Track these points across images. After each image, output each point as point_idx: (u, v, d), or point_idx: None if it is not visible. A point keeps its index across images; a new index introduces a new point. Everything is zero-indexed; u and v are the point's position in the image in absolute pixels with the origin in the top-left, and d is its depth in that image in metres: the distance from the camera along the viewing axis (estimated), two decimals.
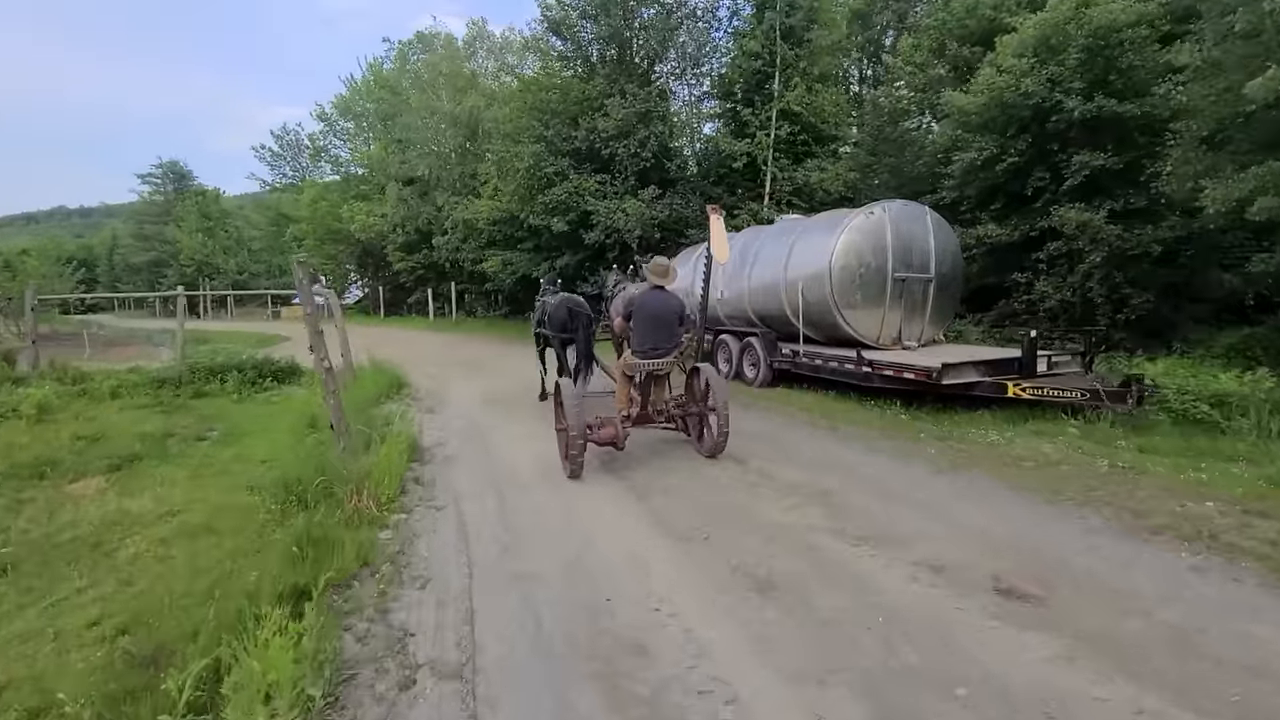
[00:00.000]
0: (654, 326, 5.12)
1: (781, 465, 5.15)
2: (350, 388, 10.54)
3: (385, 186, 27.35)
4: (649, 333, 5.11)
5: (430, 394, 10.14)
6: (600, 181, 15.70)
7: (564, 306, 7.29)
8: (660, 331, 5.14)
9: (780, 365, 8.41)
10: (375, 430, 6.26)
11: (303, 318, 5.03)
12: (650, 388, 5.32)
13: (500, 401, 8.97)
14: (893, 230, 7.57)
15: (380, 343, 19.83)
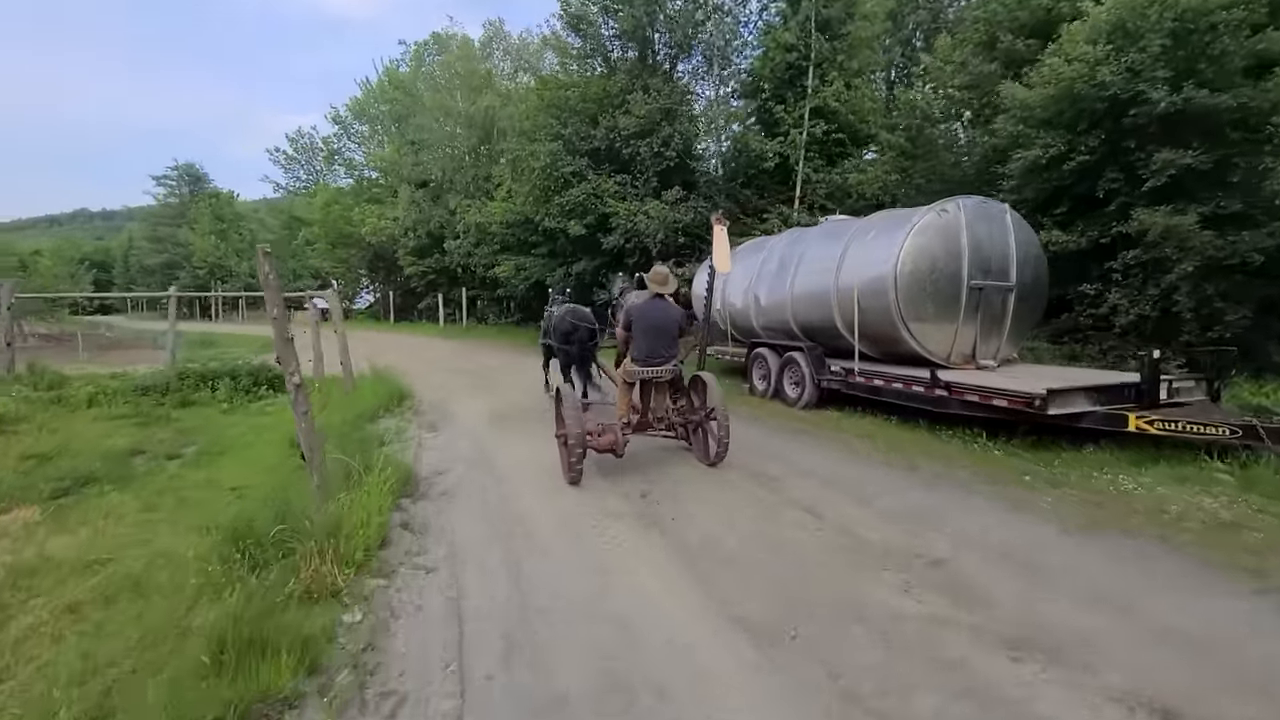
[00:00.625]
0: (654, 335, 5.12)
1: (865, 518, 4.10)
2: (347, 399, 9.64)
3: (397, 189, 26.68)
4: (649, 341, 5.12)
5: (434, 408, 9.18)
6: (620, 182, 14.78)
7: (567, 318, 7.30)
8: (660, 340, 5.15)
9: (829, 385, 7.35)
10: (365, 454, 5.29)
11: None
12: (650, 396, 5.34)
13: (511, 420, 7.98)
14: (968, 231, 6.52)
15: (387, 349, 18.99)
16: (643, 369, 5.12)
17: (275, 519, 3.66)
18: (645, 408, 5.32)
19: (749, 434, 6.79)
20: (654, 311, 5.18)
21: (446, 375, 12.76)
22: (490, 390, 10.64)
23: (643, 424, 5.30)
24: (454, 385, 11.42)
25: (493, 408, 8.95)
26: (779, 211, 13.68)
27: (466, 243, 23.06)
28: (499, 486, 5.07)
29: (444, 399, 9.94)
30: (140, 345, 25.18)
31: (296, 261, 45.36)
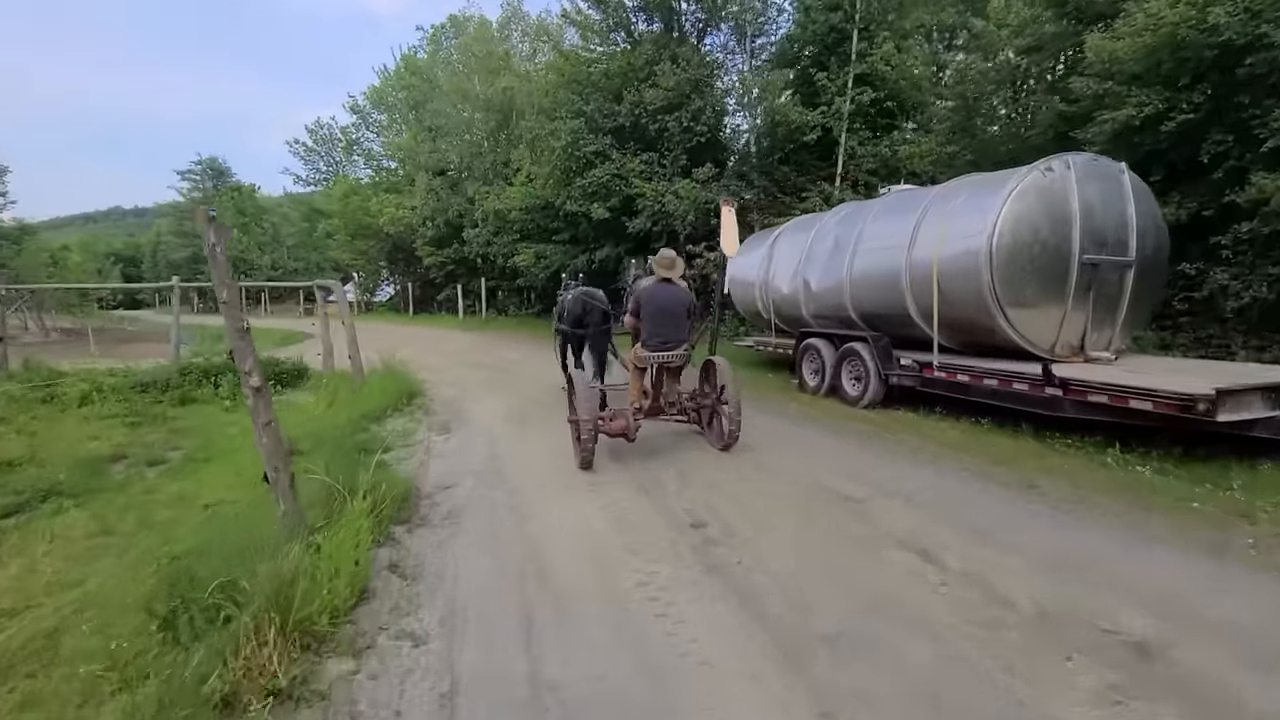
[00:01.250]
0: (663, 320, 5.09)
1: (998, 563, 3.06)
2: (355, 396, 8.84)
3: (415, 177, 25.97)
4: (658, 326, 5.09)
5: (447, 406, 8.32)
6: (646, 161, 13.73)
7: (579, 300, 7.08)
8: (669, 324, 5.11)
9: (900, 381, 6.27)
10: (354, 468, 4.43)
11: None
12: (662, 380, 5.30)
13: (531, 420, 7.07)
14: (1079, 194, 5.37)
15: (403, 342, 18.28)
16: (652, 353, 5.07)
17: (227, 561, 2.80)
18: (656, 392, 5.27)
19: (808, 438, 5.76)
20: (662, 296, 5.12)
21: (463, 370, 11.94)
22: (509, 386, 9.76)
23: (654, 409, 5.25)
24: (470, 381, 10.58)
25: (511, 406, 8.06)
26: (820, 189, 12.52)
27: (485, 231, 22.25)
28: (515, 506, 4.15)
29: (459, 396, 9.09)
30: (158, 339, 24.99)
31: (318, 254, 45.24)
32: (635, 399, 5.28)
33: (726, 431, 5.08)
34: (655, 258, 5.37)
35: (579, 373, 5.28)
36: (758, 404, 7.40)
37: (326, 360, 11.35)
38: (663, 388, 5.28)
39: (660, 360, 5.08)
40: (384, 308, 36.46)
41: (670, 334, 5.08)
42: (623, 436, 4.92)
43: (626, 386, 6.31)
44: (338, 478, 3.86)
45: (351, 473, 4.21)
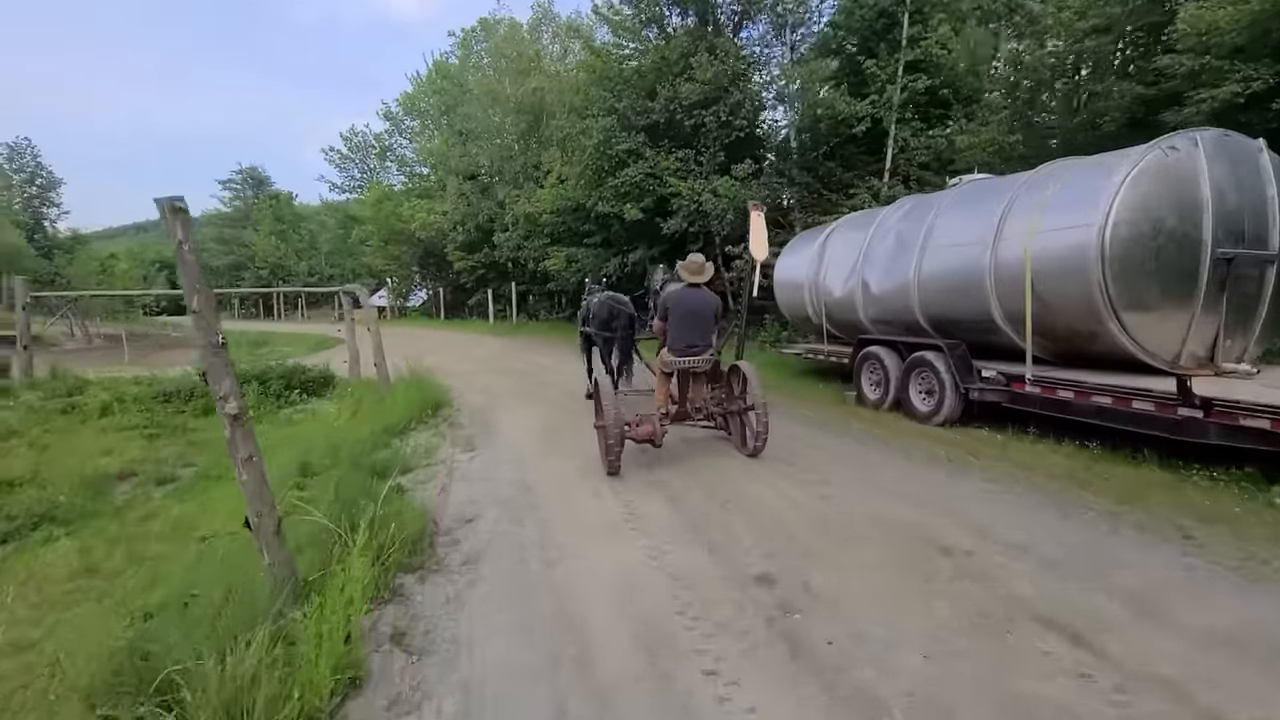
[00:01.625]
0: (690, 325, 5.06)
1: (1215, 690, 2.28)
2: (379, 406, 8.40)
3: (445, 182, 25.87)
4: (685, 331, 5.07)
5: (474, 417, 7.79)
6: (682, 159, 13.08)
7: (606, 305, 7.07)
8: (697, 330, 5.08)
9: (983, 396, 5.47)
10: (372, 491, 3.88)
11: None
12: (688, 386, 5.31)
13: (564, 435, 6.47)
14: (1209, 177, 4.52)
15: (434, 348, 17.97)
16: (679, 359, 5.05)
17: (193, 632, 2.24)
18: (683, 397, 5.28)
19: (879, 463, 5.00)
20: (690, 300, 5.08)
21: (493, 376, 11.45)
22: (539, 395, 9.20)
23: (681, 414, 5.25)
24: (500, 388, 10.06)
25: (541, 418, 7.48)
26: (868, 185, 11.67)
27: (516, 235, 21.91)
28: (545, 549, 3.52)
29: (487, 406, 8.56)
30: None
31: (353, 260, 45.83)
32: (662, 404, 5.25)
33: (755, 434, 4.99)
34: (683, 262, 5.32)
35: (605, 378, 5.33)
36: (813, 421, 6.65)
37: (353, 368, 10.97)
38: (689, 393, 5.28)
39: (687, 365, 5.07)
40: (416, 313, 36.60)
41: (698, 339, 5.05)
42: (649, 442, 4.87)
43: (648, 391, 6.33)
44: (339, 517, 3.29)
45: (360, 503, 3.64)
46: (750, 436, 5.10)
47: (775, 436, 5.74)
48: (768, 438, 4.99)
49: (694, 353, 5.04)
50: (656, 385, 5.45)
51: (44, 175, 52.69)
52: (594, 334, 7.36)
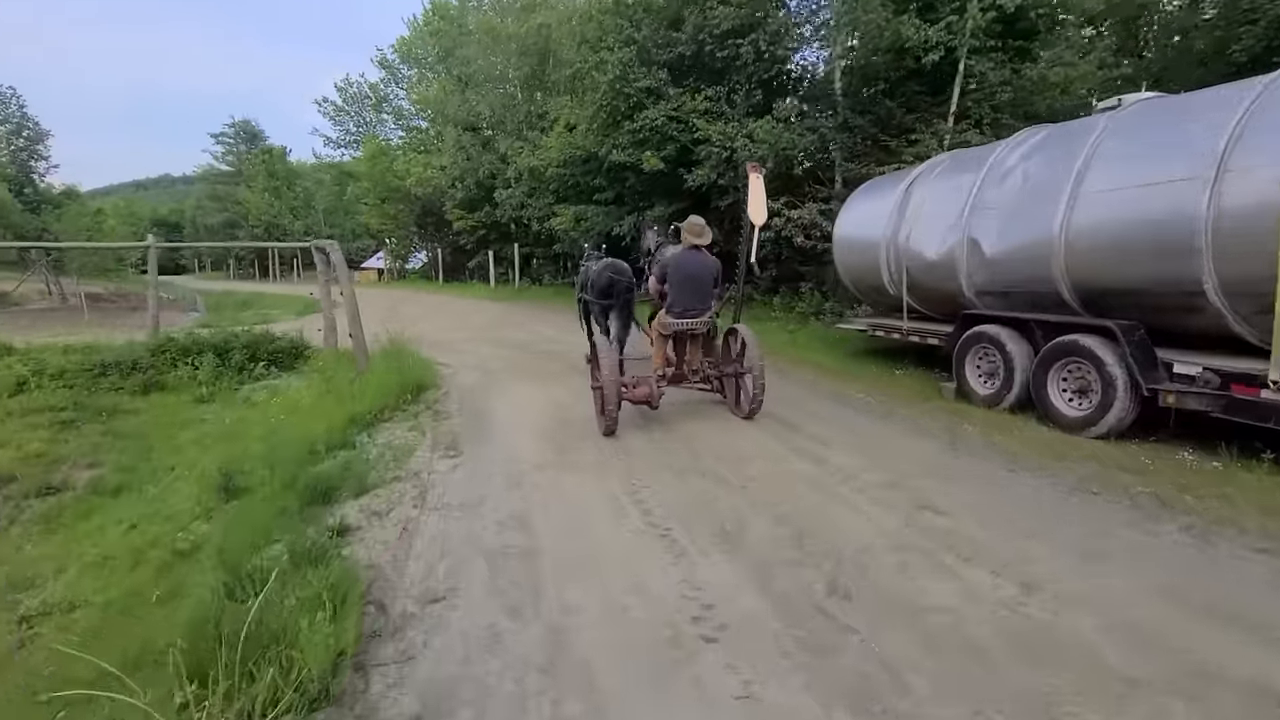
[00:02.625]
0: (691, 288, 5.05)
1: None
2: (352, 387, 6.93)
3: (443, 132, 23.92)
4: (685, 294, 5.05)
5: (465, 402, 6.33)
6: (712, 98, 11.25)
7: (606, 273, 6.97)
8: (695, 292, 5.06)
9: (1182, 403, 3.89)
10: (297, 533, 2.41)
11: None
12: (685, 348, 5.30)
13: (576, 432, 4.99)
14: None
15: (429, 313, 16.42)
16: (677, 321, 5.06)
17: None
18: (679, 360, 5.30)
19: (1031, 500, 3.49)
20: (690, 263, 5.09)
21: (491, 348, 9.94)
22: (544, 372, 7.69)
23: (677, 376, 5.27)
24: (498, 363, 8.56)
25: (548, 405, 6.00)
26: (934, 129, 9.86)
27: (519, 192, 20.11)
28: (564, 690, 2.05)
29: (481, 386, 7.08)
30: (175, 306, 23.86)
31: (351, 219, 43.91)
32: (659, 366, 5.23)
33: (750, 398, 5.02)
34: (684, 224, 5.26)
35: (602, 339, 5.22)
36: (904, 421, 5.12)
37: (329, 337, 9.41)
38: (686, 355, 5.28)
39: (685, 327, 5.07)
40: (415, 276, 34.95)
41: (697, 302, 5.05)
42: (646, 404, 4.88)
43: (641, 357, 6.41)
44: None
45: (244, 585, 2.15)
46: (745, 399, 5.14)
47: (872, 448, 4.25)
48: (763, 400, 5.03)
49: (692, 315, 5.03)
50: (655, 347, 5.38)
51: (31, 126, 50.43)
52: (592, 302, 7.24)
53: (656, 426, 5.15)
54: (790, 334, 9.81)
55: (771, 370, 7.37)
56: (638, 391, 4.85)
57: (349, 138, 40.45)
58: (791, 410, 5.48)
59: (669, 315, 5.08)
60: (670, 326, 5.08)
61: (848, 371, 6.88)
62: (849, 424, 5.12)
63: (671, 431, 4.99)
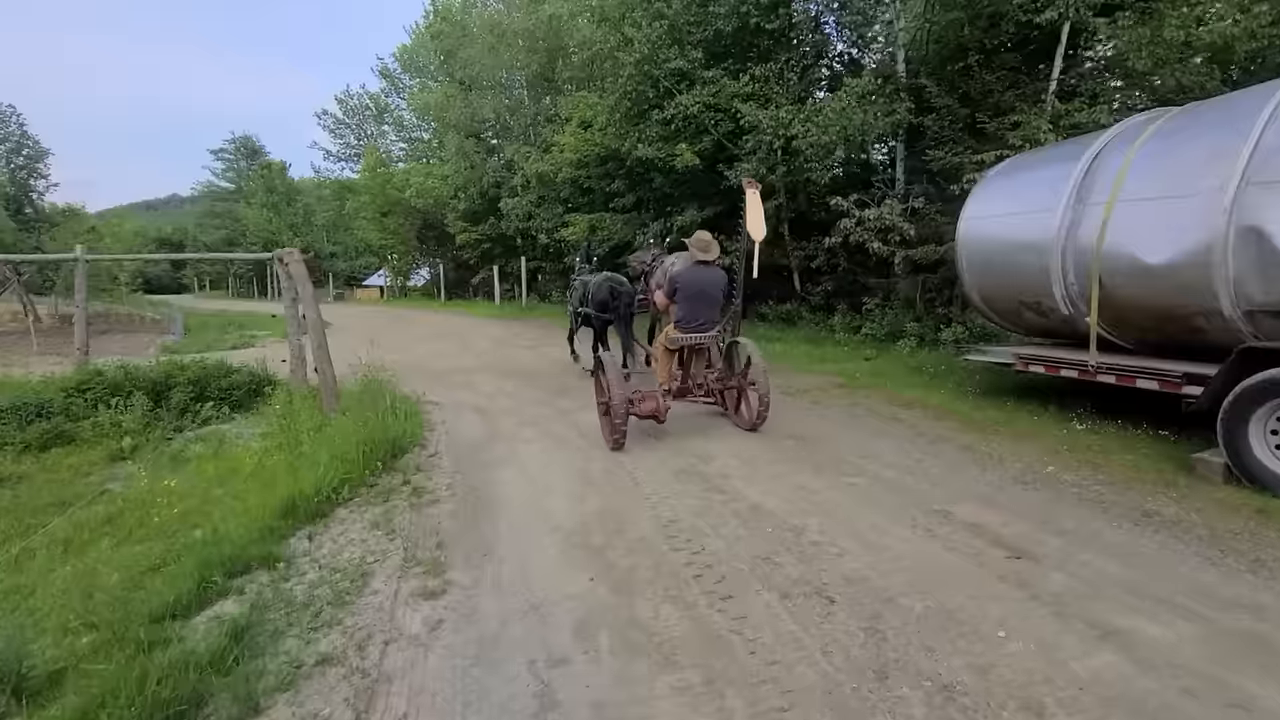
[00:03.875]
0: (699, 302, 5.05)
1: None
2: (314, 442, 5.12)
3: (443, 139, 22.39)
4: (695, 309, 5.05)
5: (459, 473, 4.45)
6: (759, 76, 9.46)
7: (606, 286, 6.91)
8: (706, 308, 5.08)
9: None
10: None
11: None
12: (691, 362, 5.30)
13: (648, 541, 3.06)
14: None
15: (428, 336, 14.57)
16: (685, 335, 5.05)
17: None
18: (686, 374, 5.27)
19: None
20: (700, 279, 5.06)
21: (495, 380, 8.08)
22: (566, 417, 5.79)
23: (683, 390, 5.23)
24: (505, 400, 6.69)
25: (582, 471, 4.13)
26: (1032, 117, 8.00)
27: (526, 200, 18.42)
28: None
29: (484, 441, 5.20)
30: (156, 329, 22.11)
31: (351, 236, 42.44)
32: (665, 380, 5.19)
33: (756, 412, 4.97)
34: (691, 239, 5.21)
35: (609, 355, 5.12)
36: (1161, 528, 3.16)
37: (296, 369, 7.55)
38: (691, 368, 5.27)
39: (694, 342, 5.09)
40: (417, 293, 33.31)
41: (706, 316, 5.07)
42: (653, 418, 4.81)
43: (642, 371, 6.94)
44: None
45: None
46: (749, 412, 5.07)
47: (1164, 595, 2.34)
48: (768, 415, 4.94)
49: (701, 330, 5.04)
50: (659, 362, 5.36)
51: (31, 145, 49.54)
52: (592, 315, 7.12)
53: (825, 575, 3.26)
54: (867, 361, 7.91)
55: (871, 416, 5.48)
56: (644, 406, 4.79)
57: (349, 151, 39.18)
58: (980, 506, 3.45)
59: (677, 330, 5.08)
60: (678, 341, 5.10)
61: (992, 422, 4.95)
62: (1080, 532, 3.13)
63: (858, 611, 3.10)
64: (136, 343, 16.32)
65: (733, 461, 4.34)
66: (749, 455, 4.48)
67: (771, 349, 9.29)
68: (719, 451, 4.60)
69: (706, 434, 5.13)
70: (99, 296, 30.79)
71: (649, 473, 4.20)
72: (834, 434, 4.97)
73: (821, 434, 4.96)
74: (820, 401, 6.09)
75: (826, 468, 4.16)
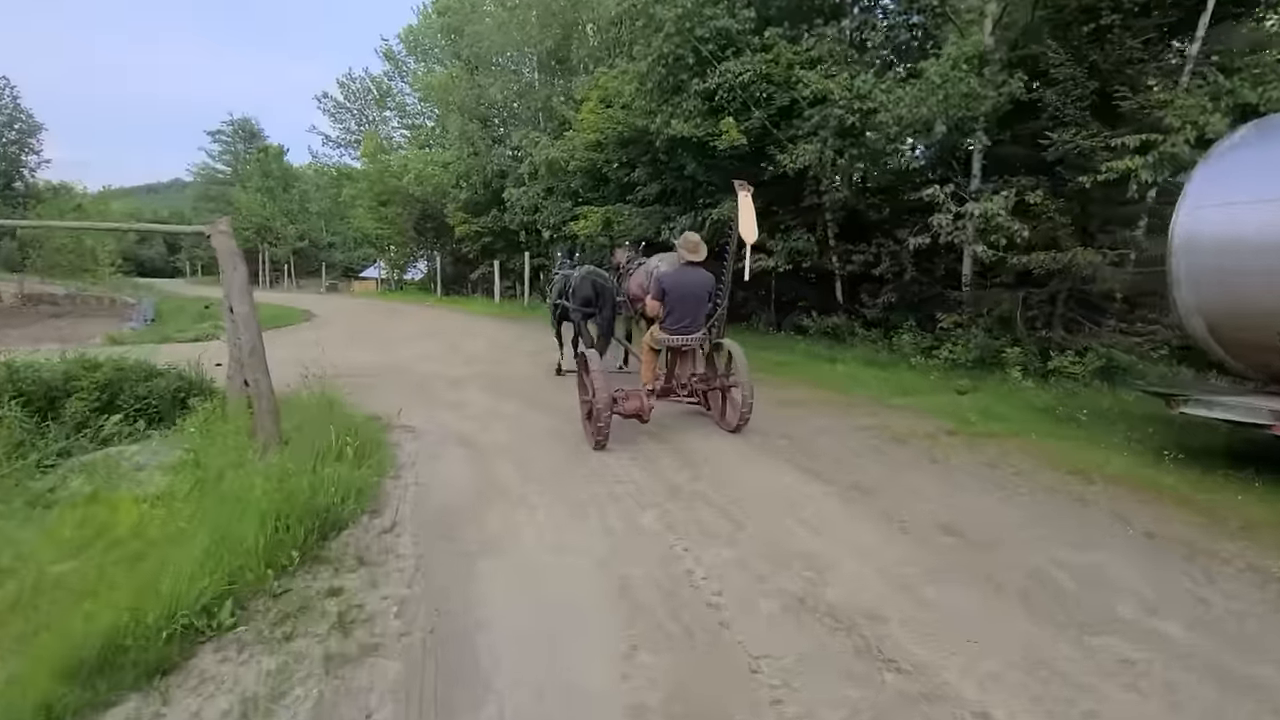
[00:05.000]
0: (688, 304, 5.04)
1: None
2: (239, 479, 3.37)
3: (446, 121, 20.75)
4: (681, 310, 5.04)
5: (422, 575, 2.69)
6: (834, 37, 7.76)
7: (589, 281, 6.88)
8: (693, 309, 5.07)
9: None
10: None
11: None
12: (676, 363, 5.29)
13: None
14: None
15: (416, 335, 12.81)
16: (672, 336, 5.07)
17: None
18: (670, 374, 5.25)
19: None
20: (689, 280, 5.04)
21: (490, 398, 6.37)
22: (587, 462, 4.05)
23: (666, 390, 5.19)
24: (501, 431, 4.94)
25: (627, 602, 2.32)
26: (1193, 79, 6.31)
27: (534, 192, 16.73)
28: None
29: (470, 507, 3.44)
30: (127, 314, 20.32)
31: (348, 225, 40.66)
32: (649, 380, 5.16)
33: (739, 414, 4.97)
34: (680, 240, 5.29)
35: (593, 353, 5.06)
36: None
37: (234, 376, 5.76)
38: (675, 369, 5.26)
39: (681, 344, 5.10)
40: (414, 287, 31.61)
41: (693, 318, 5.06)
42: (636, 417, 4.78)
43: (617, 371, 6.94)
44: None
45: None
46: (734, 412, 5.06)
47: None
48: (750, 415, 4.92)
49: (687, 331, 5.05)
50: (644, 361, 5.31)
51: (24, 119, 47.77)
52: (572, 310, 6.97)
53: None
54: (962, 395, 6.21)
55: (1035, 490, 3.78)
56: (628, 405, 4.72)
57: (349, 137, 37.44)
58: None
59: (663, 331, 5.09)
60: (663, 342, 5.11)
61: (1243, 514, 3.24)
62: None
63: None
64: (88, 329, 14.50)
65: (907, 603, 2.56)
66: (930, 597, 2.74)
67: (832, 372, 7.60)
68: (857, 570, 2.88)
69: (818, 530, 3.42)
70: (79, 276, 29.10)
71: (735, 595, 2.49)
72: (1003, 526, 3.25)
73: (982, 525, 3.25)
74: (941, 458, 4.39)
75: (1044, 610, 2.44)
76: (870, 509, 3.45)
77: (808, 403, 6.12)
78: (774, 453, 4.51)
